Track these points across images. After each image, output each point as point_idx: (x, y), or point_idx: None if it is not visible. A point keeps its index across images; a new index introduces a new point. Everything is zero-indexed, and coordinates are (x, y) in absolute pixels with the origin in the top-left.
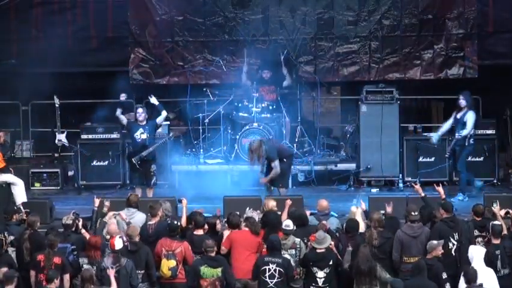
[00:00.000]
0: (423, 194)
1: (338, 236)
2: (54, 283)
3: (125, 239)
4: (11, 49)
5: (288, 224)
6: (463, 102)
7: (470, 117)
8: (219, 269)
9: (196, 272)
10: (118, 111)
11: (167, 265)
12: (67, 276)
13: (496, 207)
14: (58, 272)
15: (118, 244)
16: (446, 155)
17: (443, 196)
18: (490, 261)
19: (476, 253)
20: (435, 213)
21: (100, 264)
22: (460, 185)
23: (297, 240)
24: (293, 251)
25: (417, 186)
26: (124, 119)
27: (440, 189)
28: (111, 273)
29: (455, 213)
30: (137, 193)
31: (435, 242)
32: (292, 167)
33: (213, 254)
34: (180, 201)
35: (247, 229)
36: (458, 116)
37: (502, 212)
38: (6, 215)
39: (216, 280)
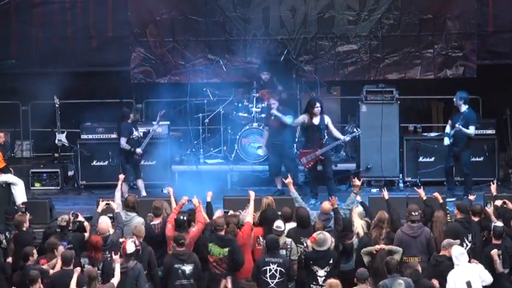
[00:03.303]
0: (425, 198)
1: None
2: (38, 283)
3: (137, 242)
4: (11, 49)
5: (279, 224)
6: (318, 110)
7: (329, 121)
8: (226, 249)
9: (205, 246)
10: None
11: None
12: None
13: (490, 208)
14: (39, 274)
15: (130, 248)
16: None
17: (424, 198)
18: (489, 261)
19: (458, 252)
20: (435, 214)
21: (106, 262)
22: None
23: (288, 240)
24: (284, 252)
25: (421, 190)
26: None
27: (421, 191)
28: (116, 265)
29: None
30: (124, 188)
31: (452, 240)
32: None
33: (222, 233)
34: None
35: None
36: (316, 121)
37: (499, 203)
38: (7, 215)
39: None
